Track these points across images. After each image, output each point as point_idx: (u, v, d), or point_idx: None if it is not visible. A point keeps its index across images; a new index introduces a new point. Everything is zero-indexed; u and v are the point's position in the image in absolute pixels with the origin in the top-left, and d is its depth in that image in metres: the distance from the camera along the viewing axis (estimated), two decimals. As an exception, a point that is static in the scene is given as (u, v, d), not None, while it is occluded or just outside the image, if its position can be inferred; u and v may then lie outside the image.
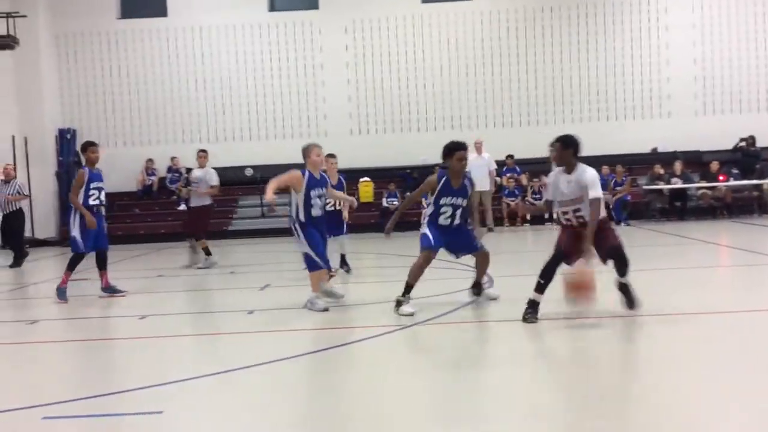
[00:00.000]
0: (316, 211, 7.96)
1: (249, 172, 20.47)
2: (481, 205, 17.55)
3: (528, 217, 18.13)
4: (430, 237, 7.55)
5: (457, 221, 7.66)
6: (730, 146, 19.27)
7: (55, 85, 21.22)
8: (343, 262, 10.83)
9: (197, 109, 21.45)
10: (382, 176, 19.79)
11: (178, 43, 21.51)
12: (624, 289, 6.76)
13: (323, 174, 8.28)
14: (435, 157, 8.88)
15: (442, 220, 7.61)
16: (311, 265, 7.88)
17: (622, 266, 6.70)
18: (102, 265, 9.60)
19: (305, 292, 8.19)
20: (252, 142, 21.36)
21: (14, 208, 14.80)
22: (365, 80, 21.26)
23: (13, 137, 19.65)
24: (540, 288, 6.81)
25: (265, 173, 20.51)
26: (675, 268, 10.38)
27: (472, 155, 17.47)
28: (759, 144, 19.01)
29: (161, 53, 21.50)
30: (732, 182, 18.35)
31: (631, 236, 15.21)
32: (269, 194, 7.78)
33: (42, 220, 20.02)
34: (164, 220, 19.88)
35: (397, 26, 21.26)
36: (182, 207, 20.10)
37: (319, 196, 8.01)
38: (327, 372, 5.71)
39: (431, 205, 7.65)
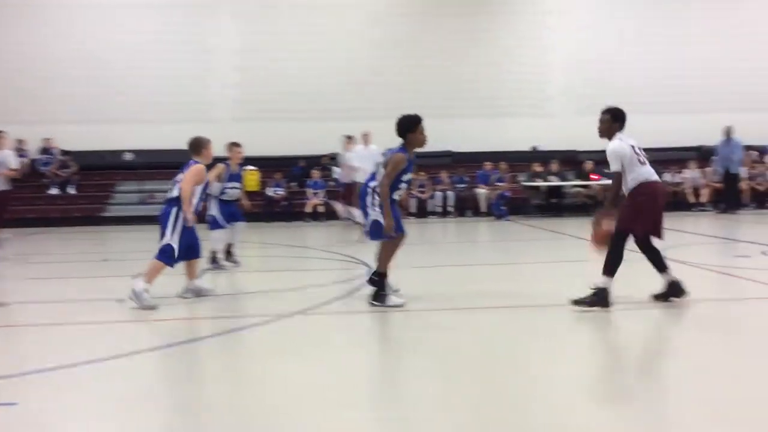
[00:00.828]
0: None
1: (128, 156, 19.76)
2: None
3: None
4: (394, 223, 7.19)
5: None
6: (603, 147, 20.10)
7: None
8: (230, 254, 10.48)
9: (74, 89, 20.43)
10: (268, 165, 19.51)
11: (57, 21, 20.46)
12: (597, 292, 6.59)
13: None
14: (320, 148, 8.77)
15: (395, 197, 7.28)
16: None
17: (606, 262, 6.62)
18: None
19: (180, 281, 7.94)
20: (131, 125, 20.57)
21: None
22: (253, 67, 20.89)
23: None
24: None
25: (145, 158, 19.91)
26: (552, 261, 10.72)
27: (359, 146, 17.54)
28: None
29: (39, 30, 20.37)
30: (604, 181, 19.19)
31: (510, 230, 15.68)
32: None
33: None
34: (33, 204, 18.90)
35: (288, 14, 21.00)
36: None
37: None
38: (203, 361, 5.56)
39: (383, 185, 7.15)
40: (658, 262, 6.79)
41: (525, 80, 21.43)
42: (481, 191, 19.17)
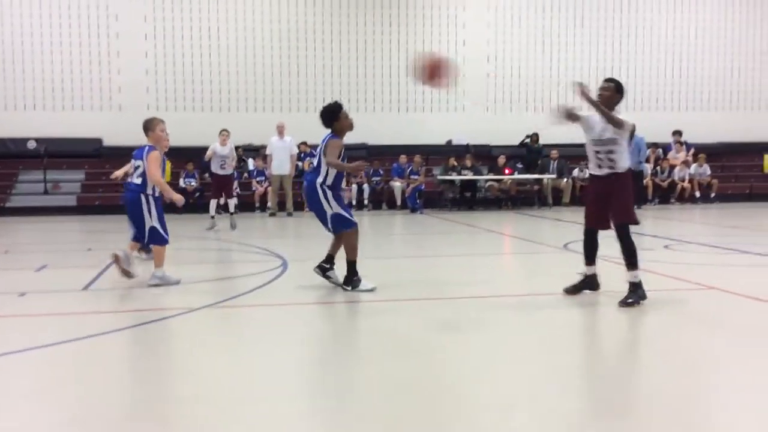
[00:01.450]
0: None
1: (32, 144, 18.99)
2: (282, 189, 17.48)
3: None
4: (347, 214, 7.41)
5: None
6: (516, 142, 20.57)
7: None
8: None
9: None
10: (180, 155, 19.01)
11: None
12: (632, 287, 6.57)
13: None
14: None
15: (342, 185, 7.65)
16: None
17: (627, 256, 6.62)
18: None
19: (85, 273, 7.69)
20: (36, 112, 19.75)
21: None
22: (165, 54, 20.35)
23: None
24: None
25: (50, 146, 19.13)
26: (465, 255, 10.87)
27: (273, 137, 17.37)
28: (542, 141, 20.42)
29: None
30: (516, 176, 19.61)
31: (424, 223, 15.84)
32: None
33: None
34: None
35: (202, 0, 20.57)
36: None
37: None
38: (113, 355, 5.38)
39: (326, 174, 7.33)
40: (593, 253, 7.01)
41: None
42: (397, 184, 19.28)
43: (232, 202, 14.47)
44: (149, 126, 7.90)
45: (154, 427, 3.88)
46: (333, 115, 7.43)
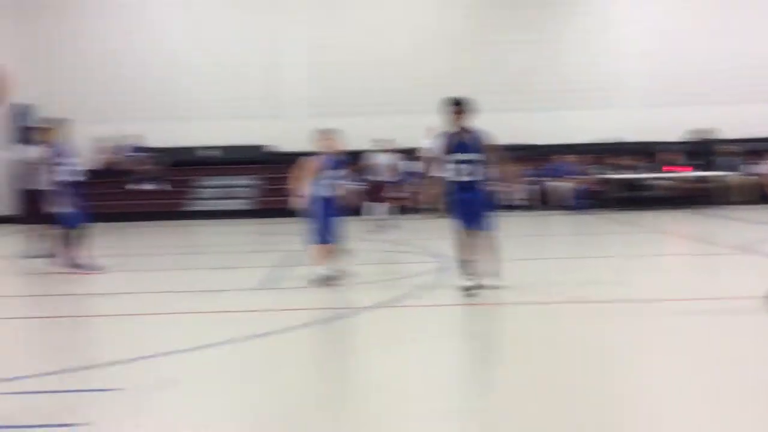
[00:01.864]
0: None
1: (211, 152, 20.43)
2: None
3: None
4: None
5: None
6: (680, 137, 19.71)
7: (12, 56, 20.76)
8: None
9: (162, 85, 21.17)
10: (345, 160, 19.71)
11: (129, 18, 21.25)
12: None
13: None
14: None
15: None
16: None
17: None
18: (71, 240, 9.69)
19: (262, 273, 8.25)
20: (212, 122, 21.15)
21: None
22: (322, 63, 21.16)
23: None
24: None
25: (226, 154, 20.56)
26: (637, 256, 10.62)
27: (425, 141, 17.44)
28: (714, 136, 19.40)
29: (114, 28, 21.19)
30: (691, 173, 18.75)
31: (589, 223, 15.53)
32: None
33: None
34: (123, 199, 19.69)
35: (354, 7, 21.26)
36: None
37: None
38: (293, 351, 5.79)
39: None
40: None
41: (592, 72, 21.11)
42: (561, 184, 18.98)
43: (392, 206, 14.83)
44: (323, 136, 8.44)
45: (334, 421, 4.19)
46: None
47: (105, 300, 8.02)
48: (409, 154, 19.59)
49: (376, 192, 15.02)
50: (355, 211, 10.87)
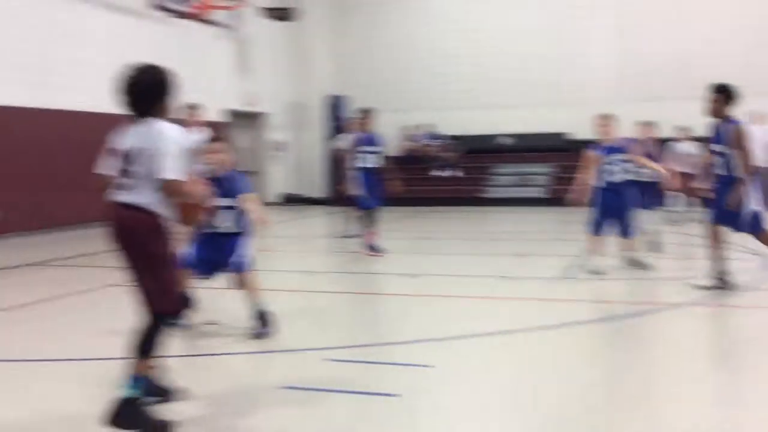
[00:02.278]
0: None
1: (504, 140, 20.57)
2: None
3: None
4: None
5: None
6: None
7: (328, 53, 22.68)
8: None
9: (459, 76, 21.78)
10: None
11: (432, 9, 21.99)
12: None
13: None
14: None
15: None
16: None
17: None
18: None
19: (560, 262, 8.11)
20: (508, 110, 21.26)
21: None
22: (628, 49, 20.21)
23: (289, 103, 21.37)
24: None
25: (520, 141, 20.58)
26: None
27: (753, 127, 15.99)
28: None
29: (424, 20, 22.10)
30: None
31: None
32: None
33: (311, 181, 21.64)
34: (422, 185, 20.58)
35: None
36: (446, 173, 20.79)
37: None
38: (583, 344, 5.62)
39: None
40: None
41: None
42: None
43: (691, 198, 13.69)
44: (599, 122, 8.39)
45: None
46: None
47: (407, 280, 8.40)
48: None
49: (678, 182, 14.02)
50: (655, 201, 10.24)
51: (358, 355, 5.19)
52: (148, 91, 3.77)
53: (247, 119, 20.29)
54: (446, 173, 21.10)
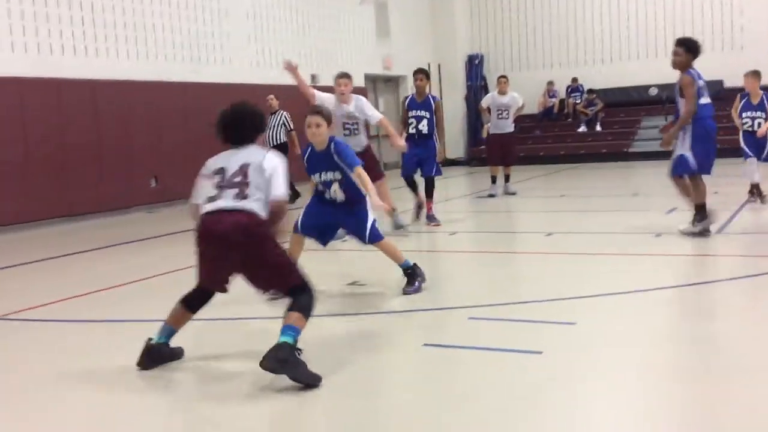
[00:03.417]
0: None
1: (653, 91, 19.65)
2: None
3: None
4: None
5: None
6: None
7: (466, 13, 22.47)
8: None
9: (598, 28, 21.06)
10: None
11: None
12: None
13: None
14: None
15: None
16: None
17: None
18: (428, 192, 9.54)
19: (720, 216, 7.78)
20: (657, 60, 20.33)
21: (279, 141, 13.09)
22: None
23: (429, 64, 21.38)
24: None
25: (670, 93, 19.58)
26: None
27: None
28: None
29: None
30: None
31: None
32: None
33: (452, 142, 21.64)
34: (563, 142, 20.13)
35: None
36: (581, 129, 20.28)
37: None
38: (720, 303, 5.41)
39: None
40: None
41: None
42: None
43: None
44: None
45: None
46: None
47: (548, 238, 8.33)
48: None
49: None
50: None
51: (501, 313, 5.22)
52: (251, 123, 4.32)
53: (386, 83, 20.54)
54: (590, 129, 20.53)
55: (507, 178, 12.81)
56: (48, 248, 9.48)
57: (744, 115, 10.05)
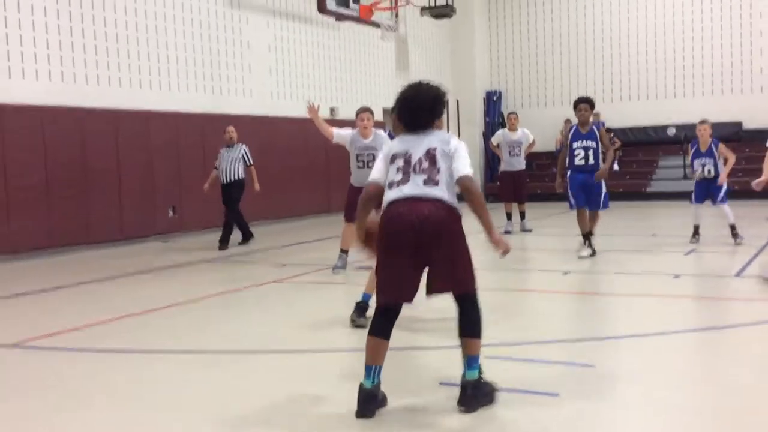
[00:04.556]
0: None
1: (671, 131, 19.63)
2: None
3: None
4: None
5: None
6: None
7: (485, 49, 22.62)
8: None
9: (617, 67, 21.12)
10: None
11: (597, 3, 21.38)
12: None
13: None
14: None
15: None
16: None
17: None
18: None
19: (733, 258, 7.68)
20: (675, 100, 20.35)
21: (237, 177, 11.93)
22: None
23: (447, 100, 21.50)
24: None
25: (689, 132, 19.52)
26: None
27: None
28: None
29: (584, 14, 21.54)
30: None
31: None
32: None
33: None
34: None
35: None
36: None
37: None
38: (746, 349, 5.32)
39: None
40: None
41: None
42: None
43: None
44: None
45: None
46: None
47: (564, 277, 8.26)
48: None
49: None
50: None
51: (516, 354, 5.16)
52: (434, 105, 4.20)
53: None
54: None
55: (522, 215, 12.81)
56: (66, 275, 9.51)
57: (695, 162, 10.37)
